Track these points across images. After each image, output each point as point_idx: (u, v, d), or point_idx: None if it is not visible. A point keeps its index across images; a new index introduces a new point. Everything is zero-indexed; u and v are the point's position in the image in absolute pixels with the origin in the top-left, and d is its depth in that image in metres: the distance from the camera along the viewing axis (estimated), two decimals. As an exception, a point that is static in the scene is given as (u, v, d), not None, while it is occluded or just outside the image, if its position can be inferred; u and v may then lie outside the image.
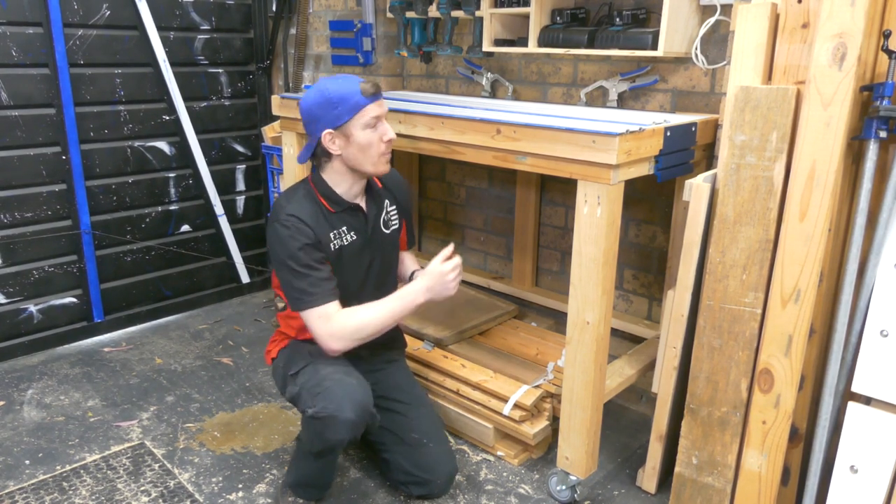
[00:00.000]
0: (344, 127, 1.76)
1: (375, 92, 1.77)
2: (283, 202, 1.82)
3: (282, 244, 1.77)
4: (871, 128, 1.51)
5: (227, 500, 2.03)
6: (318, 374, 1.82)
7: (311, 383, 1.81)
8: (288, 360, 1.95)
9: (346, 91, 1.75)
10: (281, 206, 1.81)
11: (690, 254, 1.81)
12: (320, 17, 3.30)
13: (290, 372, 1.89)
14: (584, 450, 1.93)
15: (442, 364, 2.36)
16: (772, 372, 1.63)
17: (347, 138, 1.78)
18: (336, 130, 1.77)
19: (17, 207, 2.77)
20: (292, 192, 1.88)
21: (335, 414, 1.71)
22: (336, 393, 1.75)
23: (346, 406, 1.73)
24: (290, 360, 1.94)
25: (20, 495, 2.02)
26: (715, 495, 1.78)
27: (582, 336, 1.84)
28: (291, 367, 1.90)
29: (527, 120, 1.91)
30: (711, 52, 2.18)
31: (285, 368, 1.92)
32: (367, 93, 1.75)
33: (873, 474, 1.53)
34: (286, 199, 1.84)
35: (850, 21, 1.47)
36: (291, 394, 1.88)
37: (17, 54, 2.65)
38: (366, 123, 1.76)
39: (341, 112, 1.75)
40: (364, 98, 1.75)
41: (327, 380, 1.79)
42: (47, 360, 2.87)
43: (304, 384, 1.82)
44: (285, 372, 1.92)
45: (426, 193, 3.25)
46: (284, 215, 1.77)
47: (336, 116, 1.75)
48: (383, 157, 1.84)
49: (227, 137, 3.39)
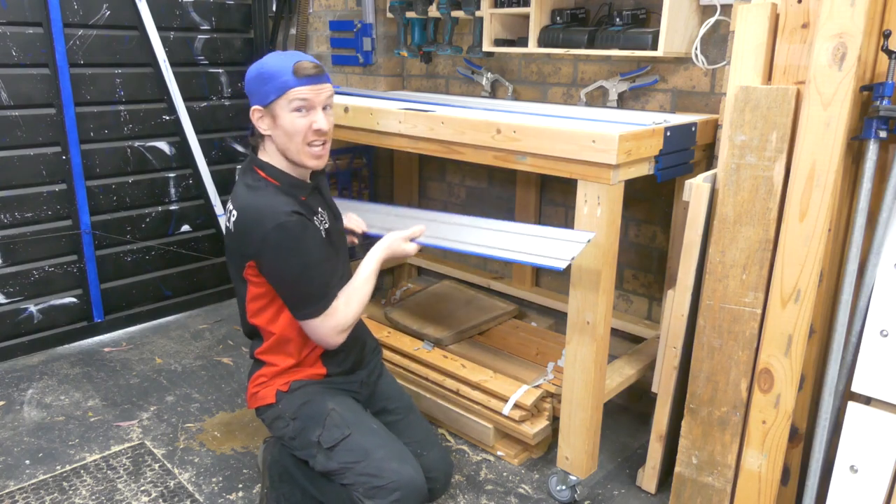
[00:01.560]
0: (271, 106, 1.60)
1: (313, 74, 1.59)
2: (266, 204, 1.61)
3: (288, 250, 1.59)
4: (871, 128, 1.51)
5: (227, 500, 2.03)
6: (368, 456, 1.66)
7: (361, 468, 1.65)
8: (306, 416, 1.73)
9: (278, 68, 1.59)
10: (269, 208, 1.60)
11: (690, 254, 1.81)
12: (320, 17, 3.30)
13: (320, 443, 1.69)
14: (584, 450, 1.93)
15: (442, 364, 2.36)
16: (772, 372, 1.63)
17: (274, 119, 1.62)
18: (265, 109, 1.62)
19: (18, 207, 2.77)
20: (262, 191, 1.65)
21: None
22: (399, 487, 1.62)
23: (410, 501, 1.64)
24: (309, 421, 1.72)
25: (20, 495, 2.02)
26: (715, 495, 1.78)
27: (582, 336, 1.84)
28: (317, 433, 1.70)
29: (527, 120, 1.92)
30: (711, 52, 2.18)
31: (305, 429, 1.72)
32: (300, 73, 1.57)
33: (873, 474, 1.53)
34: (266, 200, 1.62)
35: (850, 21, 1.47)
36: (326, 468, 1.69)
37: (18, 54, 2.65)
38: (293, 107, 1.59)
39: (269, 90, 1.59)
40: (294, 79, 1.57)
41: (386, 469, 1.64)
42: (47, 360, 2.87)
43: (352, 467, 1.66)
44: (305, 434, 1.71)
45: (426, 193, 3.25)
46: (285, 215, 1.58)
47: (265, 94, 1.60)
48: (311, 149, 1.64)
49: (227, 137, 3.39)
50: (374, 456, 1.67)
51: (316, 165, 1.68)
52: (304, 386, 1.76)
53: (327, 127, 1.64)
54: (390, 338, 2.55)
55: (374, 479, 1.64)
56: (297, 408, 1.74)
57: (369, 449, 1.68)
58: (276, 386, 1.76)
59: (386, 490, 1.63)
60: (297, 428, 1.73)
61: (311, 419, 1.72)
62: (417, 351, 2.45)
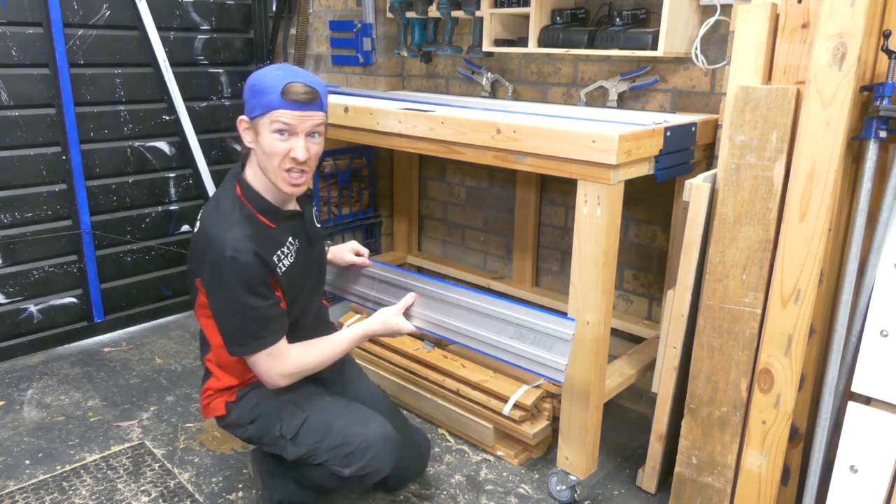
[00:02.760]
0: (255, 121, 1.57)
1: (301, 100, 1.52)
2: (222, 232, 1.55)
3: (227, 287, 1.55)
4: (871, 128, 1.51)
5: (227, 500, 2.03)
6: (330, 430, 1.68)
7: (328, 443, 1.67)
8: (261, 416, 1.74)
9: (269, 85, 1.54)
10: (220, 238, 1.54)
11: (690, 254, 1.81)
12: (320, 17, 3.30)
13: (283, 434, 1.71)
14: (584, 450, 1.93)
15: (442, 364, 2.36)
16: (772, 372, 1.63)
17: (257, 135, 1.57)
18: (250, 121, 1.58)
19: (18, 207, 2.77)
20: (226, 214, 1.59)
21: (377, 468, 1.67)
22: (370, 447, 1.65)
23: (384, 457, 1.67)
24: (267, 419, 1.74)
25: (20, 495, 2.02)
26: (715, 495, 1.78)
27: (582, 336, 1.84)
28: (277, 426, 1.72)
29: (527, 120, 1.91)
30: (711, 52, 2.18)
31: (266, 427, 1.74)
32: (288, 96, 1.51)
33: (873, 474, 1.53)
34: (225, 227, 1.56)
35: (850, 21, 1.47)
36: (298, 454, 1.70)
37: (18, 54, 2.65)
38: (274, 128, 1.54)
39: (256, 104, 1.55)
40: (280, 101, 1.52)
41: (351, 435, 1.67)
42: (47, 360, 2.87)
43: (319, 445, 1.67)
44: (268, 431, 1.73)
45: (426, 193, 3.25)
46: (235, 251, 1.53)
47: (252, 106, 1.57)
48: (287, 175, 1.58)
49: (227, 137, 3.39)
50: (336, 427, 1.69)
51: (291, 192, 1.62)
52: (249, 391, 1.77)
53: (304, 157, 1.55)
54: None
55: (343, 447, 1.66)
56: (250, 411, 1.75)
57: (329, 423, 1.70)
58: (223, 398, 1.78)
59: (358, 453, 1.65)
60: (260, 428, 1.75)
61: (267, 417, 1.74)
62: (417, 351, 2.45)
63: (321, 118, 1.59)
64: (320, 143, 1.62)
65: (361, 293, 2.04)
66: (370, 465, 1.65)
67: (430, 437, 2.35)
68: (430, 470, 2.18)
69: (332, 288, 2.13)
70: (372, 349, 2.58)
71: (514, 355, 1.72)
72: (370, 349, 2.58)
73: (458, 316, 1.81)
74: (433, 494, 2.06)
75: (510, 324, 1.72)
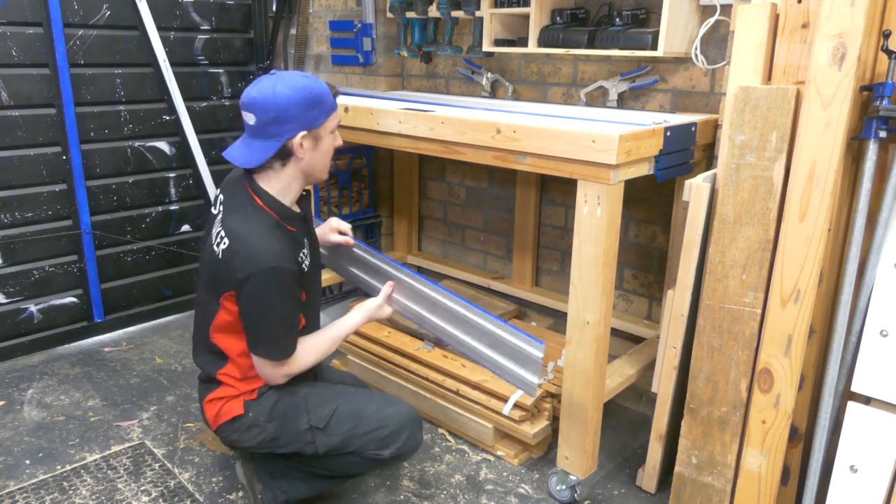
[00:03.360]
0: (318, 129, 1.64)
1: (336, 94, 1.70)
2: (260, 244, 1.60)
3: (269, 296, 1.61)
4: (871, 128, 1.51)
5: (227, 499, 2.03)
6: (362, 416, 1.75)
7: (363, 428, 1.74)
8: (282, 413, 1.76)
9: (323, 90, 1.63)
10: (260, 250, 1.59)
11: (690, 254, 1.81)
12: (320, 17, 3.30)
13: (313, 426, 1.74)
14: (583, 450, 1.93)
15: (442, 364, 2.36)
16: (772, 372, 1.63)
17: (317, 141, 1.66)
18: (309, 132, 1.63)
19: (18, 207, 2.77)
20: (256, 226, 1.63)
21: (414, 446, 1.79)
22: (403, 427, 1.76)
23: (417, 432, 1.80)
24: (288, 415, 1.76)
25: (20, 495, 2.02)
26: (715, 495, 1.78)
27: (582, 336, 1.84)
28: (304, 419, 1.75)
29: (527, 120, 1.92)
30: (711, 52, 2.18)
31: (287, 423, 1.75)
32: (336, 95, 1.68)
33: (873, 474, 1.53)
34: (260, 239, 1.60)
35: (850, 21, 1.47)
36: (329, 445, 1.74)
37: (18, 54, 2.65)
38: (334, 126, 1.68)
39: (319, 113, 1.62)
40: (334, 102, 1.67)
41: (385, 418, 1.76)
42: (47, 360, 2.87)
43: (353, 433, 1.73)
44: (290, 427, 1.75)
45: (426, 193, 3.25)
46: (275, 260, 1.59)
47: (314, 117, 1.61)
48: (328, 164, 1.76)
49: (227, 137, 3.39)
50: (367, 412, 1.76)
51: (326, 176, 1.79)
52: (268, 389, 1.79)
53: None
54: (390, 338, 2.56)
55: (379, 431, 1.74)
56: (271, 409, 1.77)
57: (359, 410, 1.76)
58: (242, 398, 1.78)
59: (395, 434, 1.74)
60: (277, 427, 1.76)
61: (289, 413, 1.76)
62: (417, 351, 2.45)
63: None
64: None
65: (353, 274, 2.12)
66: (407, 444, 1.76)
67: (431, 436, 2.36)
68: (431, 470, 2.18)
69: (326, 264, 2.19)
70: (372, 349, 2.58)
71: (491, 363, 1.78)
72: (370, 349, 2.58)
73: (440, 315, 1.88)
74: (433, 494, 2.06)
75: (485, 334, 1.77)
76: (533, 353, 1.69)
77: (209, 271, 1.71)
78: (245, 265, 1.59)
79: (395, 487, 2.08)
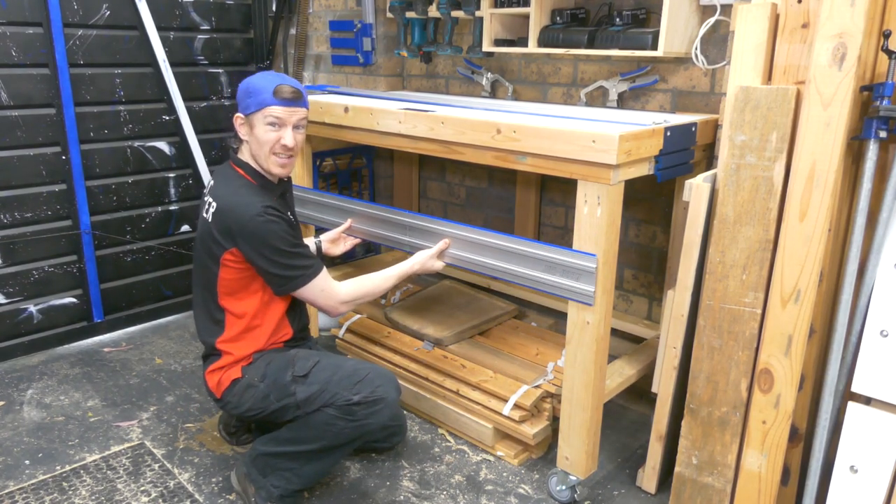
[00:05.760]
0: (250, 117, 1.89)
1: (290, 99, 1.86)
2: (245, 200, 1.86)
3: (271, 233, 1.82)
4: (871, 128, 1.51)
5: (227, 500, 2.03)
6: (341, 367, 1.90)
7: (339, 375, 1.86)
8: (273, 370, 1.91)
9: (261, 86, 1.87)
10: (246, 205, 1.84)
11: (690, 254, 1.81)
12: (320, 17, 3.30)
13: (295, 376, 1.88)
14: (584, 450, 1.93)
15: (442, 364, 2.36)
16: (772, 372, 1.63)
17: (251, 128, 1.91)
18: (245, 117, 1.91)
19: (17, 207, 2.77)
20: (238, 188, 1.91)
21: (384, 395, 1.85)
22: (377, 378, 1.87)
23: (390, 388, 1.88)
24: (278, 370, 1.91)
25: (20, 495, 2.02)
26: (715, 495, 1.78)
27: (582, 336, 1.84)
28: (289, 371, 1.89)
29: (527, 120, 1.92)
30: (711, 52, 2.18)
31: (277, 379, 1.89)
32: (279, 95, 1.85)
33: (873, 474, 1.53)
34: (245, 196, 1.87)
35: (850, 21, 1.47)
36: (307, 393, 1.85)
37: (17, 54, 2.65)
38: (267, 122, 1.87)
39: (250, 103, 1.88)
40: (273, 99, 1.85)
41: (360, 369, 1.89)
42: (47, 360, 2.87)
43: (330, 379, 1.85)
44: (279, 382, 1.89)
45: (426, 193, 3.25)
46: (261, 208, 1.82)
47: (246, 105, 1.89)
48: (276, 158, 1.91)
49: (227, 137, 3.39)
50: (345, 366, 1.91)
51: (280, 173, 1.97)
52: (264, 353, 1.98)
53: (293, 144, 1.90)
54: (390, 338, 2.55)
55: (352, 377, 1.86)
56: (264, 369, 1.93)
57: (339, 363, 1.92)
58: (240, 364, 1.96)
59: (367, 381, 1.86)
60: (269, 385, 1.91)
61: (279, 369, 1.92)
62: (417, 351, 2.45)
63: (304, 113, 1.94)
64: (303, 133, 1.97)
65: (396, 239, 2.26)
66: (378, 392, 1.84)
67: (431, 437, 2.36)
68: (430, 470, 2.18)
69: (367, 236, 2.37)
70: (372, 349, 2.58)
71: (549, 285, 1.88)
72: (370, 349, 2.58)
73: (492, 256, 2.00)
74: (433, 494, 2.06)
75: (539, 261, 1.89)
76: (586, 266, 1.78)
77: (204, 240, 1.93)
78: (236, 217, 1.83)
79: (395, 487, 2.08)
